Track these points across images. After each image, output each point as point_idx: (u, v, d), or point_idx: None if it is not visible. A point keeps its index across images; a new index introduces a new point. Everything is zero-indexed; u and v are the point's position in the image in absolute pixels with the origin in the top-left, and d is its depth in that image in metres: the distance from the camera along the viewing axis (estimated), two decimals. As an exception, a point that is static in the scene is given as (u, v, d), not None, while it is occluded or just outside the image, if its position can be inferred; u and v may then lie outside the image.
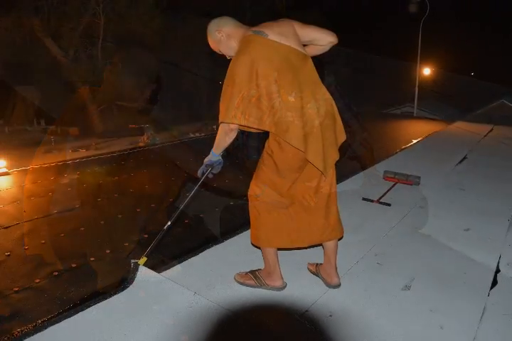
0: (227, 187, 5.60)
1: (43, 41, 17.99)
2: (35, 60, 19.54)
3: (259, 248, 3.04)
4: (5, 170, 6.56)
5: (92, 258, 3.62)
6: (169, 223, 3.15)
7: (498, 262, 3.48)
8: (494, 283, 3.16)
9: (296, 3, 24.58)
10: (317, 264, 3.16)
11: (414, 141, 9.31)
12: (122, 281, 3.06)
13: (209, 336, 2.48)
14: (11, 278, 3.29)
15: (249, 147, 4.43)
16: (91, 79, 18.26)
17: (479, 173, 6.40)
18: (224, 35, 2.68)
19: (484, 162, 7.22)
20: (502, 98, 27.31)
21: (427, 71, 22.55)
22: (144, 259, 3.13)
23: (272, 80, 2.48)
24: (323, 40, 2.69)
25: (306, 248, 3.22)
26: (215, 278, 3.14)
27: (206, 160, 2.90)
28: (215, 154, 2.83)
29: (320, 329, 2.55)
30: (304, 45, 2.71)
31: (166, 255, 3.59)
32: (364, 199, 4.97)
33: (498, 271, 3.34)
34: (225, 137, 2.67)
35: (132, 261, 3.16)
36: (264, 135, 2.75)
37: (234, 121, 2.51)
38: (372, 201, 4.91)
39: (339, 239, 3.00)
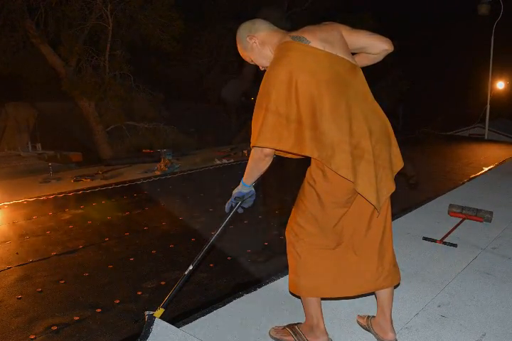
0: (260, 224, 5.61)
1: (39, 49, 18.14)
2: (29, 71, 19.86)
3: (299, 297, 3.05)
4: (-6, 203, 6.67)
5: (98, 310, 3.64)
6: (191, 267, 3.16)
7: None
8: None
9: (345, 3, 24.46)
10: (368, 317, 3.15)
11: (486, 169, 9.21)
12: (135, 337, 3.08)
13: None
14: (1, 334, 3.29)
15: None
16: (97, 95, 18.40)
17: None
18: (257, 42, 2.71)
19: None
20: None
21: (500, 85, 22.24)
22: (160, 311, 3.13)
23: (315, 96, 2.48)
24: (375, 47, 2.70)
25: (355, 297, 3.22)
26: (246, 333, 3.15)
27: (235, 191, 2.91)
28: (247, 185, 2.84)
29: None
30: (353, 54, 2.74)
31: (187, 306, 3.61)
32: (425, 238, 4.95)
33: None
34: (258, 164, 2.66)
35: (147, 313, 3.16)
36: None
37: (268, 144, 2.52)
38: (434, 241, 4.87)
39: (395, 287, 3.00)
